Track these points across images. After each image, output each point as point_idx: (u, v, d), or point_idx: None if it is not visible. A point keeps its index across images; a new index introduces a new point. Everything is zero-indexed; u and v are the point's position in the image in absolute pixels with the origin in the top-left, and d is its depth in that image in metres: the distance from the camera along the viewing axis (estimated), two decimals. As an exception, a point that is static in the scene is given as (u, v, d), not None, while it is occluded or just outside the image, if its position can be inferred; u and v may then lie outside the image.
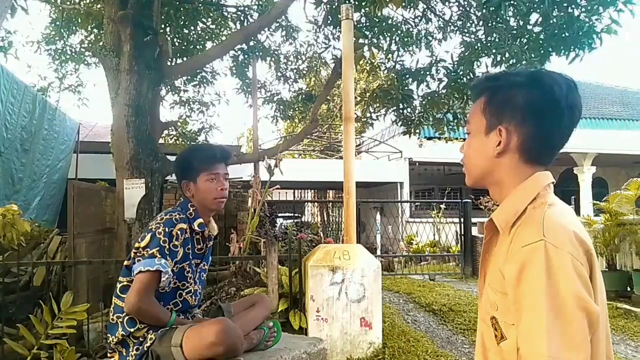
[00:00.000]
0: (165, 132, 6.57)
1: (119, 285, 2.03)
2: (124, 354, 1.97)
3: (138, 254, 1.94)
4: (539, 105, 0.98)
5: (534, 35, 4.93)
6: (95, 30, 6.88)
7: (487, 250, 1.09)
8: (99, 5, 6.24)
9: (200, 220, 2.10)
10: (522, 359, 0.89)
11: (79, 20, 6.78)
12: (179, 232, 1.98)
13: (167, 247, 1.94)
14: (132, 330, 1.95)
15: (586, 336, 0.84)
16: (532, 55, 4.69)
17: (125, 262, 2.03)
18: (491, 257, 1.07)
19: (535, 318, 0.85)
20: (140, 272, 1.88)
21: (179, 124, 7.45)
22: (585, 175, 12.96)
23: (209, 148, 2.46)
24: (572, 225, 0.93)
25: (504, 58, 4.90)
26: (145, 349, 1.94)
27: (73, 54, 7.40)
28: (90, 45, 7.08)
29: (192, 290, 2.12)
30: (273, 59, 7.24)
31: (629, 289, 5.91)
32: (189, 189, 2.11)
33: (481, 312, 1.07)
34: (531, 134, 1.00)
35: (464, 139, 1.16)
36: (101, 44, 4.84)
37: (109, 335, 2.03)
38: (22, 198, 5.46)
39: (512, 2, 4.45)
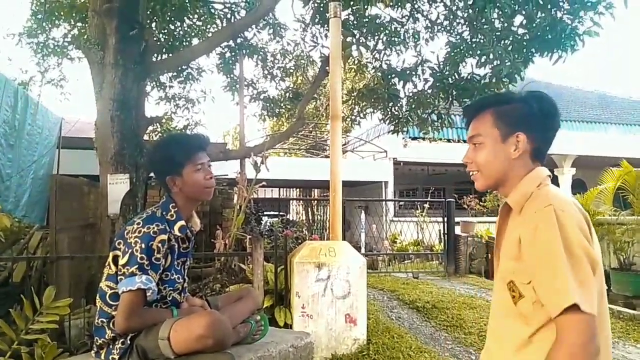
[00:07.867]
0: (150, 128, 6.48)
1: (108, 291, 1.95)
2: (111, 347, 1.96)
3: (119, 272, 1.90)
4: (542, 116, 1.25)
5: (518, 36, 5.01)
6: (79, 24, 6.76)
7: (500, 230, 1.31)
8: (83, -2, 6.14)
9: (182, 222, 2.03)
10: (546, 301, 1.06)
11: (62, 13, 6.65)
12: (159, 245, 1.91)
13: (147, 262, 1.88)
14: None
15: (591, 276, 1.06)
16: (516, 56, 4.78)
17: (109, 271, 1.97)
18: (505, 234, 1.27)
19: (555, 263, 1.04)
20: (123, 292, 1.85)
21: (164, 120, 7.38)
22: (565, 177, 13.23)
23: (187, 138, 2.40)
24: (571, 200, 1.18)
25: (488, 59, 4.97)
26: (129, 342, 1.93)
27: (56, 47, 7.25)
28: (73, 38, 6.95)
29: (180, 289, 2.11)
30: (260, 56, 7.21)
31: (607, 287, 6.05)
32: (175, 184, 2.03)
33: (498, 283, 1.26)
34: (539, 138, 1.26)
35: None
36: (85, 37, 4.75)
37: (96, 338, 2.00)
38: (12, 195, 5.32)
39: (497, 4, 4.53)
